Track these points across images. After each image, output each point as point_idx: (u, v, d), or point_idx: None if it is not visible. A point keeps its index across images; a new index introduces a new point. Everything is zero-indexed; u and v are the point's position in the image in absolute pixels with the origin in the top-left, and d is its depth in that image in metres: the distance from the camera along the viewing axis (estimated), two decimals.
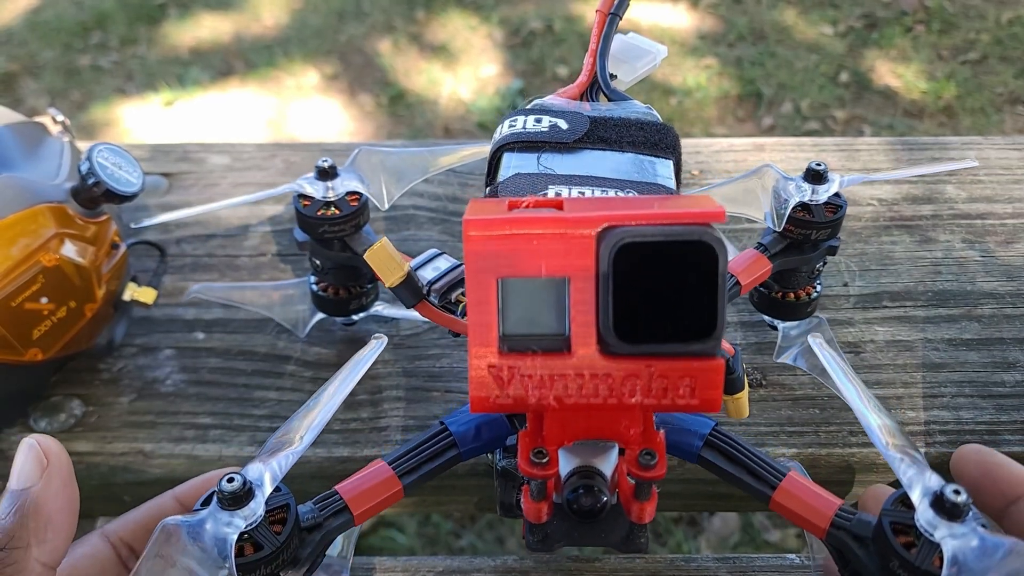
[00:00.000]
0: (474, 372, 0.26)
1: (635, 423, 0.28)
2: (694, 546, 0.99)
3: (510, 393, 0.26)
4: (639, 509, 0.29)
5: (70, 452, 0.44)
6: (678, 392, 0.25)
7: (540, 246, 0.24)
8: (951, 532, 0.26)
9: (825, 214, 0.41)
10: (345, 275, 0.45)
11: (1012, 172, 0.59)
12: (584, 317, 0.25)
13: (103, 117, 1.73)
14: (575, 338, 0.25)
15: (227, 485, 0.27)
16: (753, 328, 0.49)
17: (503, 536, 1.00)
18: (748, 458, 0.32)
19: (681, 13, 1.91)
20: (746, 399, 0.37)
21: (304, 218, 0.42)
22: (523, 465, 0.28)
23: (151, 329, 0.50)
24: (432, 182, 0.59)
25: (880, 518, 0.29)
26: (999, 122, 1.61)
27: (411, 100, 1.74)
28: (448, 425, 0.33)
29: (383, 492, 0.31)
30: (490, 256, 0.24)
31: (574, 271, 0.25)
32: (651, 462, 0.27)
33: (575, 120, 0.35)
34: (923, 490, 0.27)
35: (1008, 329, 0.48)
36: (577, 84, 0.37)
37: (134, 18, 1.99)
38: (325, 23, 1.94)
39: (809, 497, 0.31)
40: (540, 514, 0.30)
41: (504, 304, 0.25)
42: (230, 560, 0.26)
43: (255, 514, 0.27)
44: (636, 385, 0.25)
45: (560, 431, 0.28)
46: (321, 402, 0.31)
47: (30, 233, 0.40)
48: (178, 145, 0.64)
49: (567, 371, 0.25)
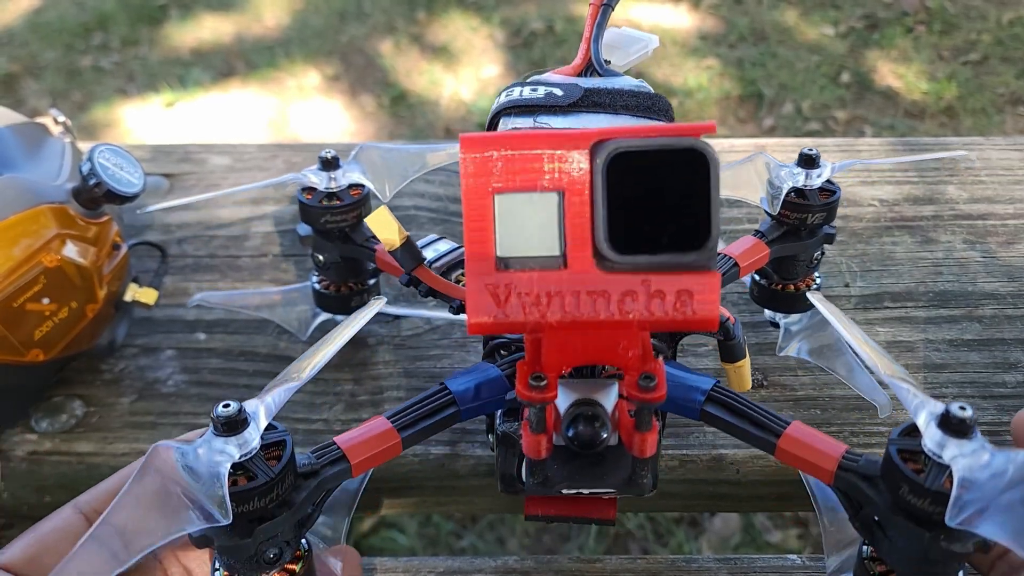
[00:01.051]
0: (471, 292, 0.25)
1: (633, 345, 0.27)
2: (695, 547, 0.99)
3: (507, 313, 0.25)
4: (640, 441, 0.29)
5: (71, 452, 0.45)
6: (675, 306, 0.25)
7: (535, 160, 0.25)
8: (960, 451, 0.26)
9: (819, 198, 0.42)
10: (347, 271, 0.46)
11: (1013, 172, 0.59)
12: (580, 232, 0.25)
13: (104, 118, 1.73)
14: (571, 253, 0.25)
15: (222, 410, 0.27)
16: (754, 329, 0.49)
17: (504, 537, 1.00)
18: (751, 409, 0.32)
19: (682, 14, 1.91)
20: (748, 368, 0.37)
21: (307, 208, 0.43)
22: (522, 390, 0.27)
23: (152, 330, 0.50)
24: (433, 183, 0.59)
25: (887, 448, 0.28)
26: (1000, 123, 1.61)
27: (412, 101, 1.74)
28: (447, 385, 0.33)
29: (381, 444, 0.31)
30: (485, 172, 0.25)
31: (569, 184, 0.25)
32: (650, 384, 0.27)
33: (570, 89, 0.35)
34: (929, 413, 0.27)
35: (1009, 330, 0.48)
36: (572, 67, 0.38)
37: (135, 19, 1.99)
38: (326, 24, 1.94)
39: (815, 442, 0.30)
40: (539, 448, 0.29)
41: (500, 222, 0.25)
42: (223, 487, 0.26)
43: (250, 444, 0.27)
44: (633, 300, 0.25)
45: (558, 355, 0.28)
46: (320, 350, 0.31)
47: (31, 234, 0.40)
48: (179, 146, 0.64)
49: (564, 287, 0.25)
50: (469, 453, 0.42)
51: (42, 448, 0.45)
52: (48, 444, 0.45)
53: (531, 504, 0.34)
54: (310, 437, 0.44)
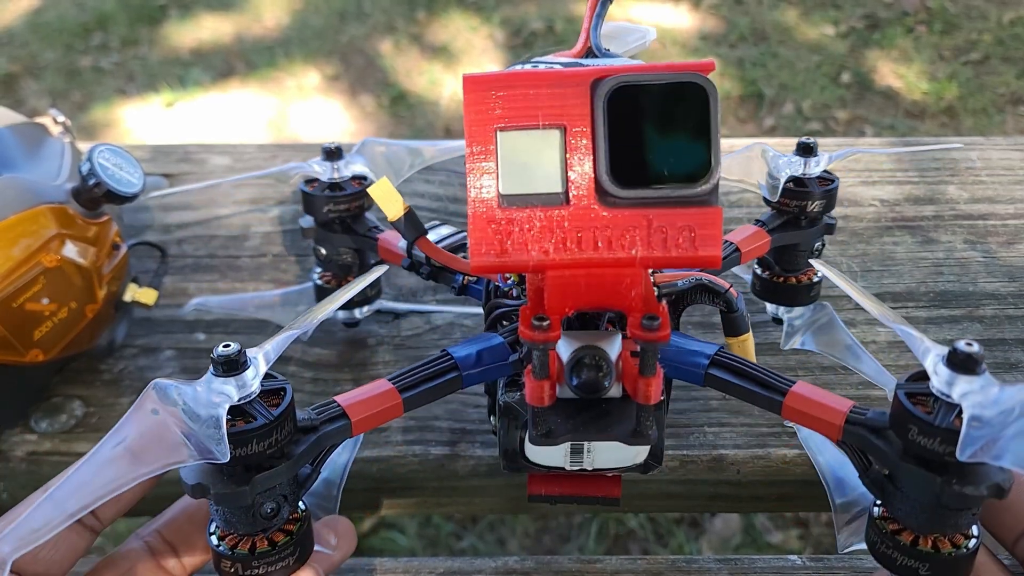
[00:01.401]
0: (474, 231, 0.25)
1: (636, 283, 0.27)
2: (695, 547, 0.99)
3: (510, 251, 0.26)
4: (645, 386, 0.28)
5: (70, 453, 0.45)
6: (677, 242, 0.25)
7: (537, 96, 0.25)
8: (969, 387, 0.26)
9: (818, 185, 0.42)
10: (348, 267, 0.46)
11: (1014, 172, 0.59)
12: (581, 167, 0.25)
13: (104, 118, 1.73)
14: (573, 188, 0.25)
15: (222, 350, 0.27)
16: (755, 328, 0.48)
17: (504, 537, 1.00)
18: (755, 370, 0.31)
19: (683, 14, 1.91)
20: (751, 342, 0.37)
21: (310, 198, 0.43)
22: (524, 330, 0.27)
23: (152, 330, 0.50)
24: (433, 183, 0.59)
25: (895, 393, 0.28)
26: (1001, 123, 1.61)
27: (412, 101, 1.74)
28: (450, 351, 0.33)
29: (382, 403, 0.31)
30: (488, 110, 0.25)
31: (570, 120, 0.25)
32: (654, 324, 0.26)
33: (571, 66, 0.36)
34: (936, 355, 0.27)
35: (1010, 330, 0.48)
36: (573, 52, 0.38)
37: (135, 19, 1.99)
38: (326, 24, 1.94)
39: (822, 397, 0.30)
40: (543, 395, 0.28)
41: (502, 159, 0.25)
42: (221, 427, 0.26)
43: (248, 386, 0.27)
44: (635, 237, 0.25)
45: (561, 298, 0.27)
46: (322, 307, 0.31)
47: (31, 234, 0.40)
48: (179, 146, 0.64)
49: (566, 225, 0.25)
50: (469, 453, 0.42)
51: (41, 448, 0.45)
52: (48, 444, 0.45)
53: (534, 483, 0.34)
54: None
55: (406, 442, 0.44)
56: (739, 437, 0.43)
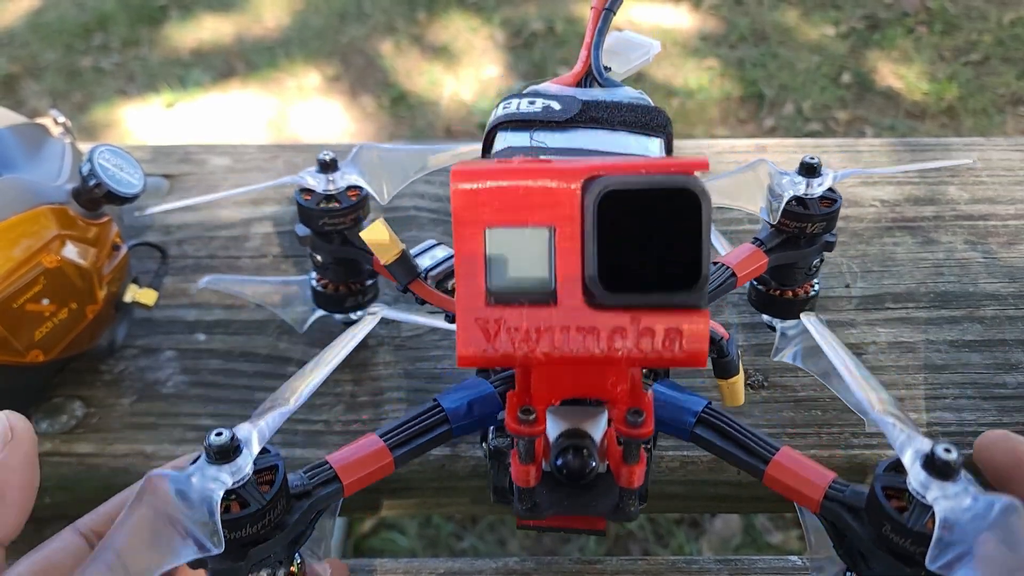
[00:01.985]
0: (461, 325, 0.25)
1: (622, 379, 0.28)
2: (696, 548, 0.98)
3: (497, 347, 0.25)
4: (628, 473, 0.29)
5: (71, 453, 0.45)
6: (664, 344, 0.25)
7: (526, 195, 0.25)
8: (943, 492, 0.26)
9: (820, 207, 0.41)
10: (345, 271, 0.46)
11: (1014, 173, 0.59)
12: (570, 268, 0.25)
13: (104, 118, 1.73)
14: (561, 289, 0.25)
15: (215, 439, 0.27)
16: (754, 330, 0.48)
17: (504, 538, 1.00)
18: (741, 434, 0.32)
19: (683, 14, 1.91)
20: (741, 385, 0.37)
21: (305, 210, 0.43)
22: (510, 423, 0.27)
23: (152, 330, 0.50)
24: (433, 183, 0.59)
25: (872, 484, 0.28)
26: (1001, 123, 1.61)
27: (413, 101, 1.74)
28: (440, 401, 0.33)
29: (374, 463, 0.31)
30: (476, 205, 0.25)
31: (560, 220, 0.25)
32: (638, 420, 0.27)
33: (568, 102, 0.35)
34: (914, 453, 0.27)
35: (1011, 330, 0.48)
36: (572, 74, 0.38)
37: (136, 19, 1.99)
38: (326, 24, 1.94)
39: (803, 470, 0.30)
40: (528, 478, 0.29)
41: (490, 256, 0.25)
42: (215, 515, 0.26)
43: (242, 471, 0.27)
44: (622, 337, 0.25)
45: (547, 389, 0.28)
46: (314, 369, 0.31)
47: (31, 235, 0.40)
48: (179, 146, 0.64)
49: (553, 323, 0.25)
50: (469, 454, 0.42)
51: (42, 449, 0.45)
52: (48, 445, 0.45)
53: None
54: (310, 438, 0.44)
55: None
56: None
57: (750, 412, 0.44)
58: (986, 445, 0.37)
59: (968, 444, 0.42)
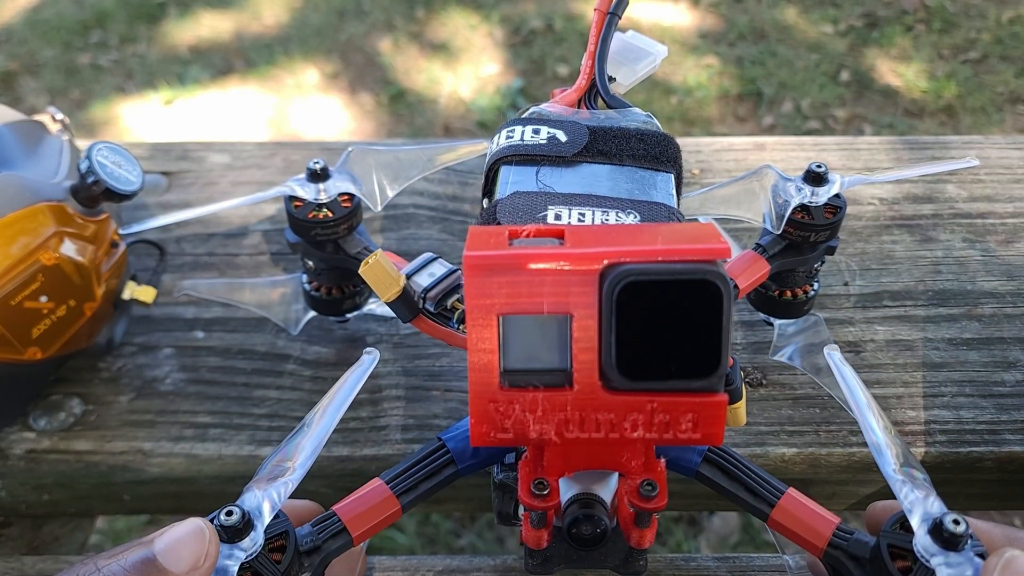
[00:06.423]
0: (475, 407, 0.25)
1: (636, 455, 0.28)
2: (694, 545, 0.99)
3: (511, 428, 0.25)
4: (639, 536, 0.29)
5: (69, 451, 0.45)
6: (680, 427, 0.25)
7: (542, 283, 0.24)
8: (947, 561, 0.26)
9: (825, 216, 0.41)
10: (338, 275, 0.45)
11: (1013, 171, 0.59)
12: (586, 353, 0.25)
13: (103, 115, 1.73)
14: (577, 373, 0.25)
15: (226, 519, 0.27)
16: (753, 328, 0.48)
17: (503, 536, 1.00)
18: (746, 475, 0.32)
19: (682, 12, 1.91)
20: (743, 408, 0.37)
21: (296, 220, 0.42)
22: (524, 496, 0.27)
23: (151, 328, 0.50)
24: (432, 181, 0.59)
25: (878, 540, 0.29)
26: (1000, 121, 1.61)
27: (411, 99, 1.74)
28: (446, 442, 0.33)
29: (381, 513, 0.32)
30: (491, 293, 0.24)
31: (577, 308, 0.24)
32: (652, 493, 0.27)
33: (574, 131, 0.34)
34: (923, 516, 0.27)
35: (1008, 328, 0.48)
36: (576, 88, 0.37)
37: (134, 16, 1.99)
38: (325, 22, 1.94)
39: (807, 516, 0.31)
40: (540, 541, 0.30)
41: (505, 339, 0.25)
42: None
43: (255, 544, 0.27)
44: (638, 420, 0.25)
45: (561, 463, 0.28)
46: (318, 423, 0.31)
47: (30, 232, 0.40)
48: (178, 144, 0.64)
49: (568, 406, 0.25)
50: None
51: (40, 446, 0.45)
52: (46, 442, 0.45)
53: None
54: None
55: (405, 440, 0.44)
56: (738, 436, 0.43)
57: (749, 410, 0.44)
58: None
59: (966, 442, 0.42)
